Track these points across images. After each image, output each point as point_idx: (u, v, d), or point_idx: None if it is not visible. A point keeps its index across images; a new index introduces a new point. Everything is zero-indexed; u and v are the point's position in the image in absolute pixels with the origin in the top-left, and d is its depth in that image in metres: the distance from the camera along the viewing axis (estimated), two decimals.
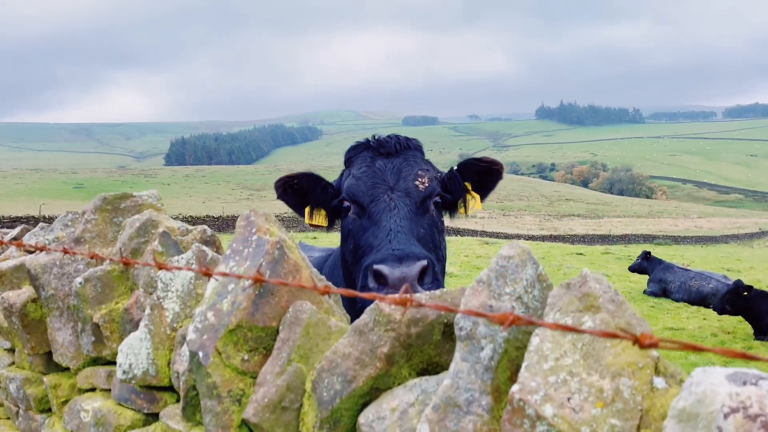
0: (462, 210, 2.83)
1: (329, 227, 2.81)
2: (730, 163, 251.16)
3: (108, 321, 1.74)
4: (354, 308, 2.55)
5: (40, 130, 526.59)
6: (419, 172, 2.62)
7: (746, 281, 17.00)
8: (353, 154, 2.81)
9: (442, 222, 2.71)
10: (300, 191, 2.77)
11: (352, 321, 2.32)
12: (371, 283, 2.14)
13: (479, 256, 24.61)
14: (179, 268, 1.39)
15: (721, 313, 10.80)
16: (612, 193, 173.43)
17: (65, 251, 1.76)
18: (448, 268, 18.54)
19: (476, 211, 2.88)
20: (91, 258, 1.69)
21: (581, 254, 28.55)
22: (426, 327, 1.14)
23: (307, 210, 2.76)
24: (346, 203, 2.62)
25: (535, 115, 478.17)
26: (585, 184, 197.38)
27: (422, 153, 2.85)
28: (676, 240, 55.12)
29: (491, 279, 1.05)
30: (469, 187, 2.82)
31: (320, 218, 2.77)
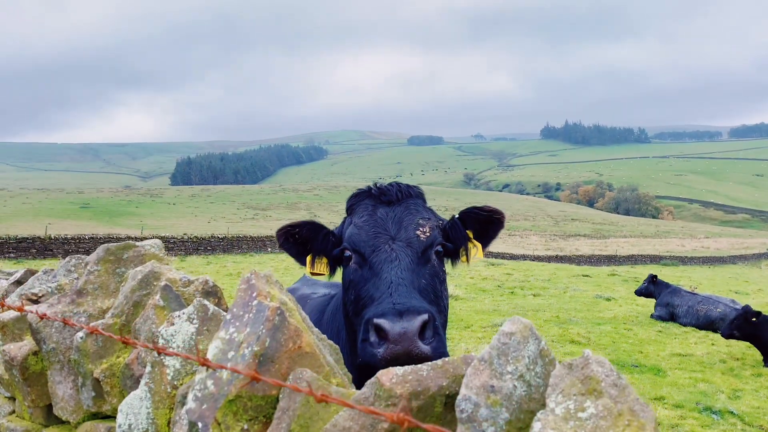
0: (464, 258, 2.80)
1: (331, 275, 2.80)
2: (737, 182, 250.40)
3: (108, 376, 1.73)
4: (354, 364, 2.54)
5: (48, 150, 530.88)
6: (420, 221, 2.61)
7: (755, 304, 16.88)
8: (355, 202, 2.79)
9: (444, 271, 2.68)
10: (301, 240, 2.75)
11: (354, 379, 2.31)
12: (372, 338, 2.12)
13: (485, 278, 24.51)
14: (177, 355, 1.37)
15: (728, 338, 10.69)
16: (618, 213, 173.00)
17: (65, 322, 1.75)
18: (454, 291, 18.49)
19: (478, 259, 2.87)
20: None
21: (587, 276, 28.42)
22: (427, 400, 1.13)
23: (308, 259, 2.75)
24: (348, 252, 2.60)
25: (540, 134, 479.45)
26: (591, 203, 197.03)
27: (424, 200, 2.84)
28: (683, 261, 54.81)
29: (493, 357, 1.04)
30: (471, 236, 2.79)
31: (322, 266, 2.75)
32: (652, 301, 17.33)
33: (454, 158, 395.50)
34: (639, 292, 16.86)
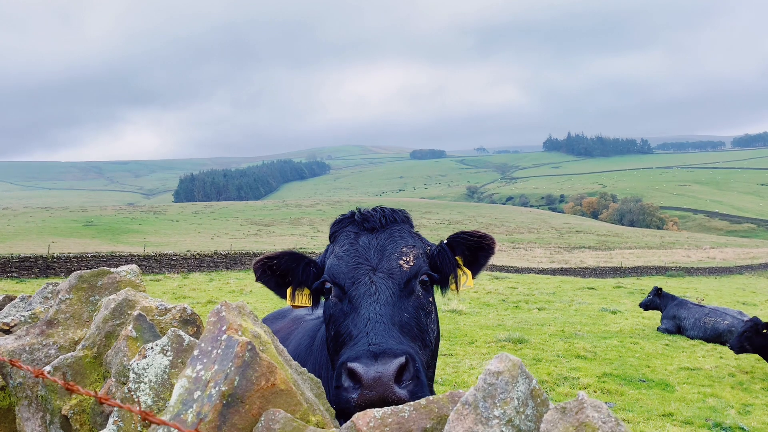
0: (453, 286, 2.64)
1: (314, 307, 2.65)
2: (741, 192, 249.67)
3: (78, 412, 1.63)
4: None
5: (51, 169, 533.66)
6: (404, 249, 2.47)
7: (763, 315, 16.70)
8: (338, 229, 2.65)
9: (431, 302, 2.51)
10: (280, 272, 2.61)
11: (337, 415, 2.20)
12: (346, 383, 1.98)
13: (489, 292, 24.33)
14: (117, 405, 1.26)
15: (739, 352, 10.52)
16: (622, 224, 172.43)
17: (12, 363, 1.65)
18: (457, 306, 18.33)
19: (468, 287, 2.68)
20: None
21: (593, 288, 28.21)
22: None
23: (288, 291, 2.59)
24: (328, 284, 2.46)
25: (542, 146, 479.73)
26: (595, 215, 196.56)
27: (410, 225, 2.70)
28: (689, 271, 54.44)
29: (478, 400, 0.93)
30: (461, 262, 2.64)
31: (303, 299, 2.60)
32: (658, 314, 17.14)
33: (457, 171, 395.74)
34: (644, 305, 16.67)
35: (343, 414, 1.93)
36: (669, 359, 11.98)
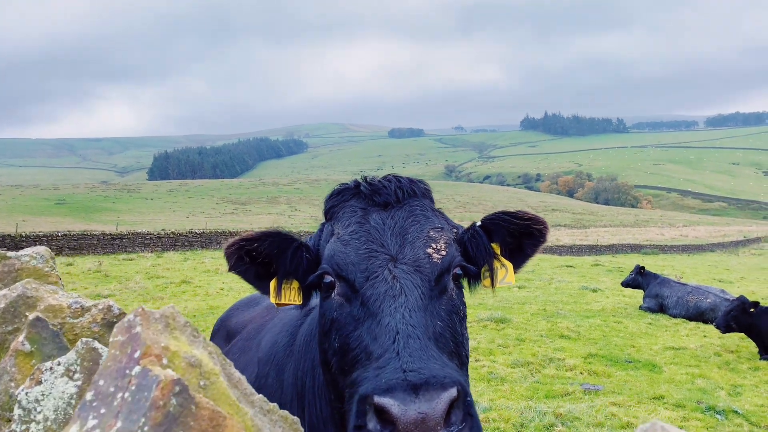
0: (486, 282, 2.03)
1: (305, 304, 2.02)
2: (713, 171, 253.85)
3: None
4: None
5: (22, 146, 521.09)
6: (431, 234, 1.88)
7: (739, 293, 16.66)
8: (337, 203, 2.01)
9: (464, 304, 1.92)
10: (262, 260, 1.96)
11: None
12: (371, 423, 1.42)
13: None
14: None
15: (725, 331, 10.34)
16: (598, 203, 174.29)
17: None
18: None
19: (508, 284, 2.05)
20: None
21: (571, 266, 28.19)
22: None
23: (272, 284, 1.95)
24: (329, 278, 1.85)
25: (519, 126, 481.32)
26: (570, 194, 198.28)
27: (431, 200, 2.07)
28: (663, 249, 55.04)
29: None
30: (498, 251, 2.04)
31: (292, 294, 1.97)
32: (638, 292, 16.99)
33: (435, 150, 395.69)
34: (626, 284, 16.51)
35: None
36: (653, 338, 11.79)
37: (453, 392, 1.42)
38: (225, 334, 3.55)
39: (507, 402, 7.25)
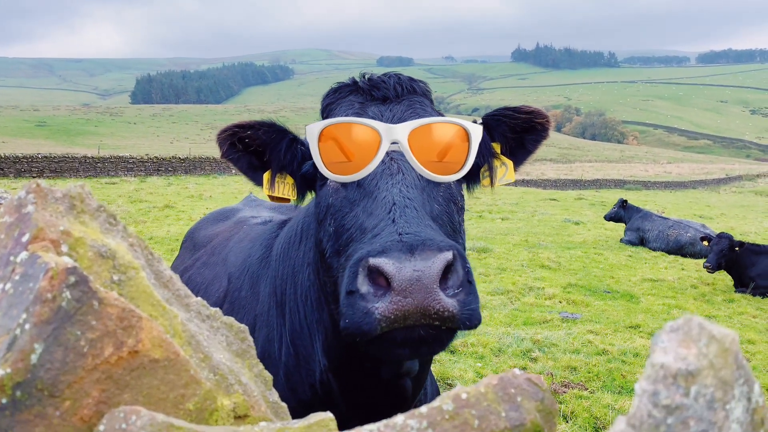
0: (486, 181, 1.98)
1: (299, 200, 1.96)
2: (701, 108, 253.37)
3: None
4: (339, 345, 1.86)
5: None
6: None
7: (719, 228, 16.92)
8: (334, 100, 1.93)
9: (462, 197, 1.89)
10: (255, 149, 1.90)
11: (331, 365, 1.60)
12: (364, 287, 1.37)
13: None
14: None
15: (715, 270, 10.54)
16: (584, 138, 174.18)
17: None
18: None
19: (507, 182, 2.01)
20: None
21: (555, 200, 28.34)
22: None
23: (266, 176, 1.90)
24: None
25: (510, 57, 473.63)
26: (558, 128, 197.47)
27: (431, 101, 1.99)
28: (646, 185, 55.49)
29: None
30: (498, 150, 1.98)
31: (285, 188, 1.92)
32: (620, 226, 17.16)
33: (424, 80, 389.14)
34: (608, 217, 16.64)
35: (355, 336, 1.38)
36: (632, 270, 11.98)
37: (449, 255, 1.37)
38: (192, 246, 3.49)
39: (486, 328, 7.36)
